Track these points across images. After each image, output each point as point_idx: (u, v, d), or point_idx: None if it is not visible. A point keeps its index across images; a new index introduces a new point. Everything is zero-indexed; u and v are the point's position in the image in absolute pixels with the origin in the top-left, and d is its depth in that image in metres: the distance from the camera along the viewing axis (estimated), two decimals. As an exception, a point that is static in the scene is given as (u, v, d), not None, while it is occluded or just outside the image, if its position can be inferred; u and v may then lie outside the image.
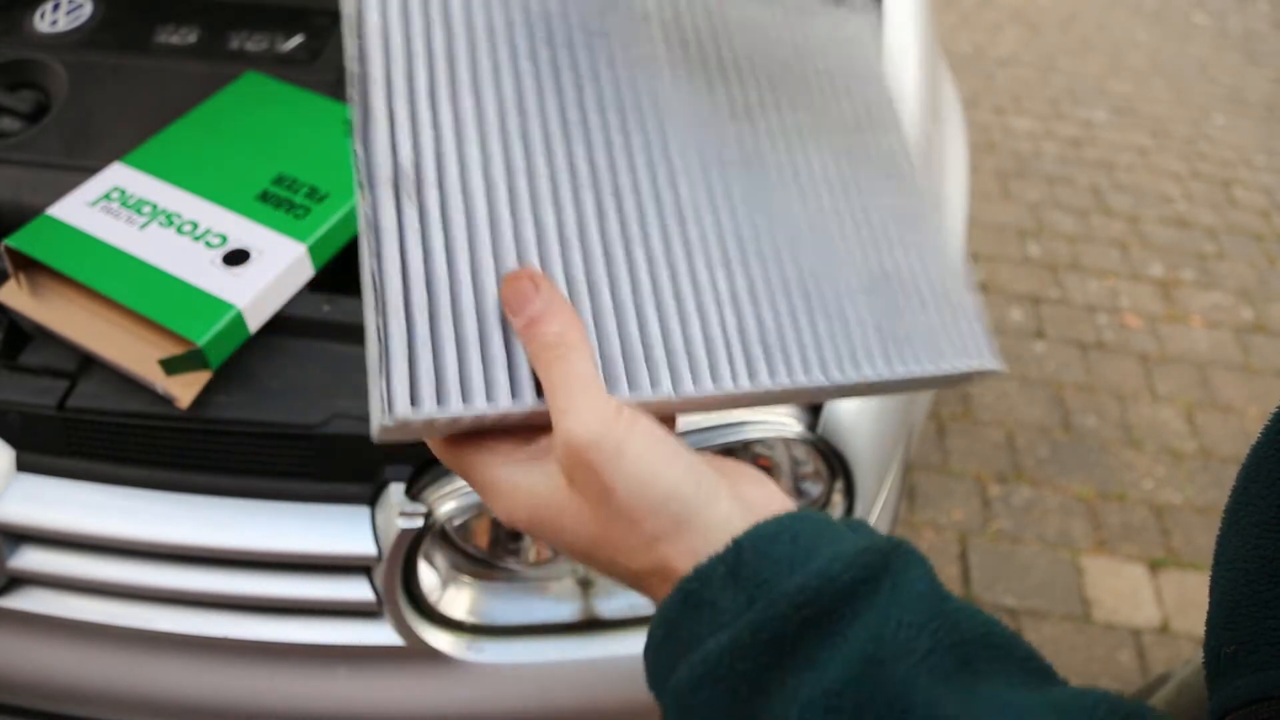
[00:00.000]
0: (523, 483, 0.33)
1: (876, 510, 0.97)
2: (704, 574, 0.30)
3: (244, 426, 0.80)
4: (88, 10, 1.12)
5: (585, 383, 0.32)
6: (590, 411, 0.32)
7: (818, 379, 0.39)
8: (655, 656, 0.32)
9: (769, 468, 0.90)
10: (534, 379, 0.34)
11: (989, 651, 0.28)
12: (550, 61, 0.39)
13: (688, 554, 0.31)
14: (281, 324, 0.84)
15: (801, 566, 0.29)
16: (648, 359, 0.36)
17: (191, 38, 1.09)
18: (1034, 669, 0.29)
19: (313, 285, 0.88)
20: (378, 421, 0.32)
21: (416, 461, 0.82)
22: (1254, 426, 2.08)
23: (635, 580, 0.33)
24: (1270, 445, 0.37)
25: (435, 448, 0.36)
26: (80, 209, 0.86)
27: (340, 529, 0.82)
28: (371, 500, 0.83)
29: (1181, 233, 2.74)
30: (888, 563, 0.29)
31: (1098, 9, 4.23)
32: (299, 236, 0.85)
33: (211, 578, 0.85)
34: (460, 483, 0.82)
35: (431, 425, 0.33)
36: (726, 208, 0.41)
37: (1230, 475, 1.93)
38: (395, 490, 0.82)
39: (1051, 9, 4.16)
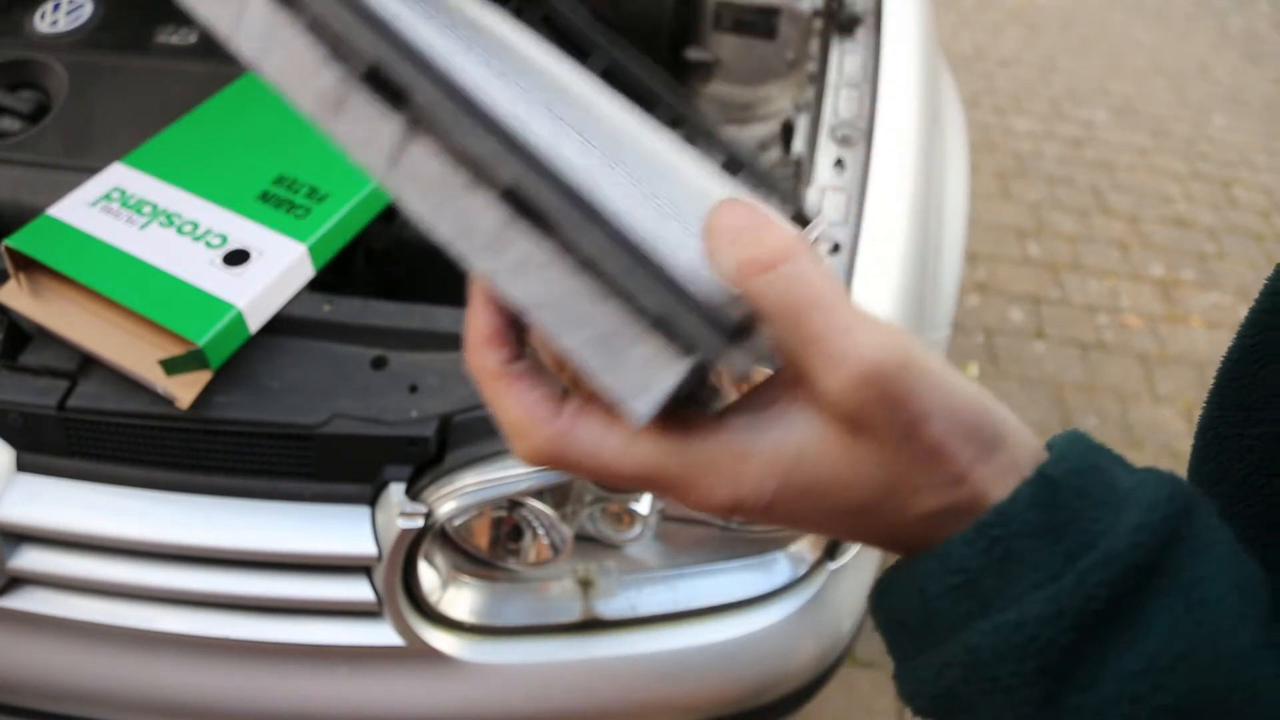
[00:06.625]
0: (760, 446, 0.26)
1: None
2: (1009, 516, 0.25)
3: (244, 426, 0.80)
4: (88, 10, 1.12)
5: (844, 295, 0.25)
6: (874, 327, 0.24)
7: None
8: (936, 604, 0.26)
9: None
10: None
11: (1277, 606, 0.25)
12: None
13: (1008, 471, 0.26)
14: (281, 324, 0.84)
15: (1121, 513, 0.25)
16: None
17: (191, 38, 1.09)
18: None
19: (313, 285, 0.87)
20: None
21: (416, 461, 0.82)
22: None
23: (913, 527, 0.26)
24: (1209, 450, 0.39)
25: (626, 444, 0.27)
26: (80, 209, 0.86)
27: (340, 529, 0.82)
28: (371, 500, 0.83)
29: (1181, 233, 2.74)
30: (1190, 505, 0.25)
31: (1098, 9, 4.23)
32: (299, 236, 0.85)
33: (212, 578, 0.85)
34: (460, 483, 0.82)
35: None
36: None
37: (1230, 475, 1.93)
38: (395, 490, 0.82)
39: (1051, 9, 4.16)
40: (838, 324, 0.24)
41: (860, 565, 0.98)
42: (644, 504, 0.89)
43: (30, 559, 0.85)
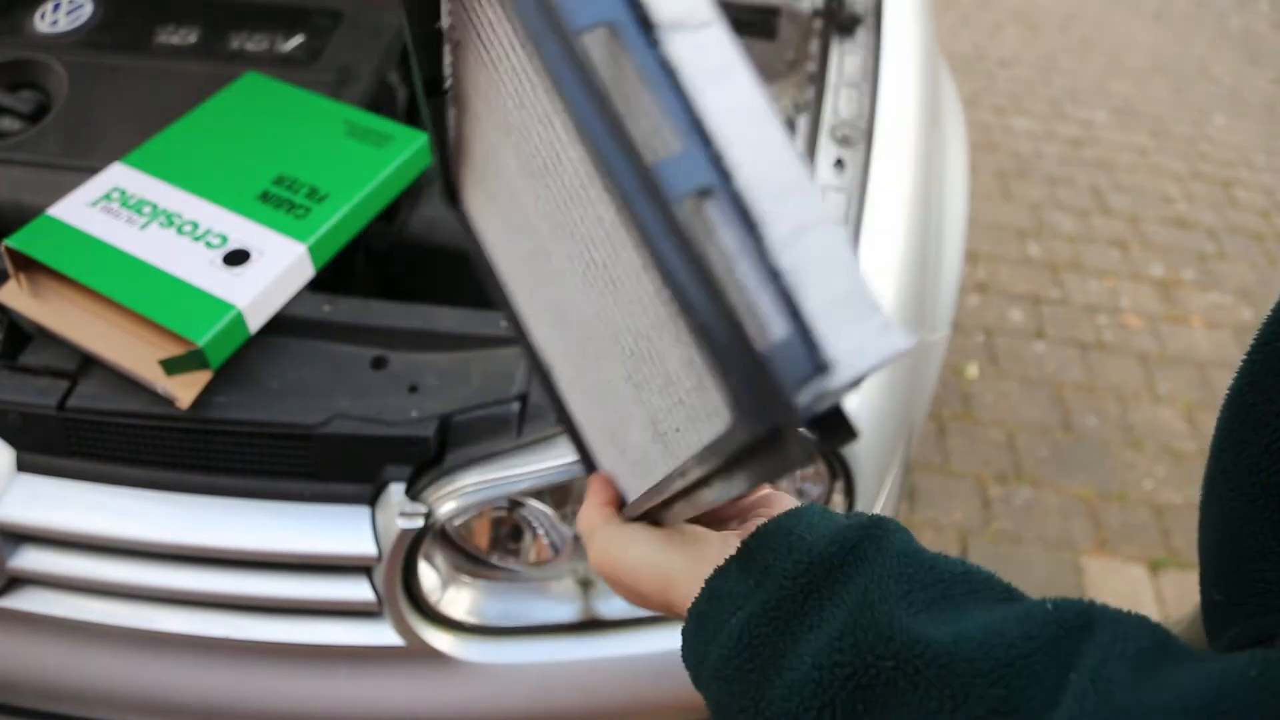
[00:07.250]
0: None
1: (877, 511, 0.97)
2: (721, 571, 0.36)
3: (244, 426, 0.80)
4: (88, 10, 1.12)
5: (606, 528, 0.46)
6: (605, 544, 0.45)
7: None
8: (691, 645, 0.37)
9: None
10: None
11: (966, 586, 0.33)
12: None
13: (683, 599, 0.39)
14: (281, 324, 0.84)
15: (796, 549, 0.35)
16: None
17: (192, 38, 1.09)
18: (1013, 597, 0.33)
19: (313, 285, 0.87)
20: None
21: (416, 461, 0.82)
22: (1254, 426, 2.08)
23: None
24: (1235, 419, 0.40)
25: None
26: (80, 209, 0.86)
27: (340, 529, 0.82)
28: (371, 500, 0.83)
29: (1181, 233, 2.74)
30: (868, 533, 0.35)
31: (1098, 9, 4.23)
32: (299, 236, 0.85)
33: (212, 578, 0.85)
34: (460, 483, 0.82)
35: None
36: None
37: (1230, 475, 1.93)
38: (395, 490, 0.82)
39: (1051, 9, 4.16)
40: (597, 546, 0.45)
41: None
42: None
43: (30, 559, 0.85)
